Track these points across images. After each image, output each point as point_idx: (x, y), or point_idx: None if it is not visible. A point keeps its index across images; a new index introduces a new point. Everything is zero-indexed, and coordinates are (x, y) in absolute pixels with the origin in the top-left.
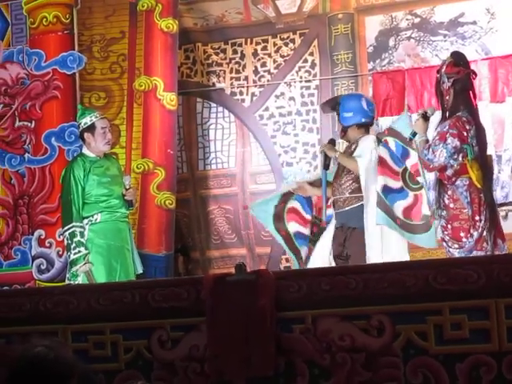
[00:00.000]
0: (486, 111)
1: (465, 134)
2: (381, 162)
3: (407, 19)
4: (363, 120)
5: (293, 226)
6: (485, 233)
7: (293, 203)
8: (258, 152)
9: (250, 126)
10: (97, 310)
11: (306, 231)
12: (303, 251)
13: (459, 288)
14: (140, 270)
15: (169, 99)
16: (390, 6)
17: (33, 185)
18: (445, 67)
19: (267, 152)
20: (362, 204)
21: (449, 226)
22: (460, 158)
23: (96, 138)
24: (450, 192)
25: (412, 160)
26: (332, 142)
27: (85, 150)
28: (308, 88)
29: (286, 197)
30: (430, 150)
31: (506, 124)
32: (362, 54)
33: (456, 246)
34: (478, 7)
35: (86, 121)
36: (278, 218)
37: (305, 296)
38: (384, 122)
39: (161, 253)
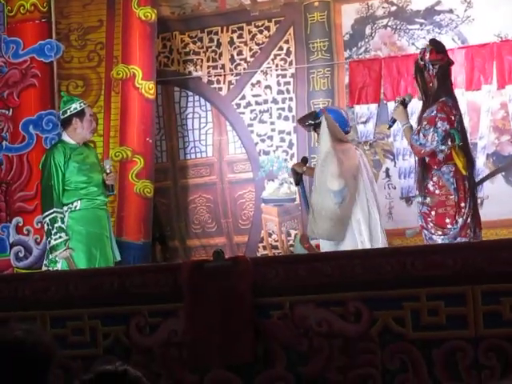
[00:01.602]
0: (462, 99)
1: (452, 118)
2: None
3: (383, 7)
4: (347, 129)
5: None
6: (469, 220)
7: None
8: (235, 140)
9: (227, 114)
10: (75, 296)
11: None
12: None
13: (436, 274)
14: (118, 258)
15: (147, 88)
16: None
17: (10, 172)
18: (428, 54)
19: (244, 140)
20: None
21: (432, 213)
22: (449, 143)
23: (84, 124)
24: (435, 178)
25: None
26: (304, 161)
27: (65, 137)
28: (284, 76)
29: None
30: (421, 134)
31: (482, 112)
32: (338, 42)
33: (440, 232)
34: None
35: (76, 106)
36: None
37: (282, 282)
38: (359, 110)
39: (139, 241)
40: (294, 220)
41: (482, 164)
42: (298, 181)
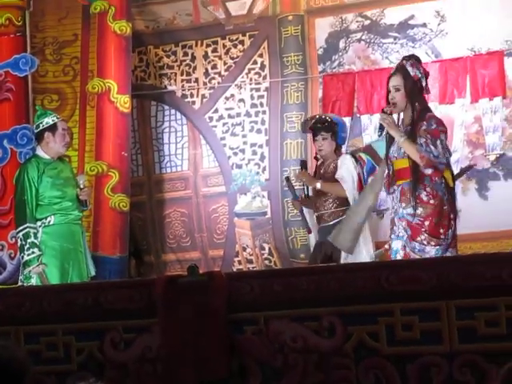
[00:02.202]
0: (436, 112)
1: (447, 132)
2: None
3: (357, 21)
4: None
5: None
6: (456, 231)
7: None
8: (209, 154)
9: (201, 128)
10: (49, 311)
11: None
12: None
13: (410, 289)
14: (93, 273)
15: (122, 101)
16: (339, 8)
17: None
18: (421, 67)
19: (217, 154)
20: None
21: (426, 223)
22: (447, 155)
23: (56, 139)
24: (428, 189)
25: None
26: (304, 166)
27: (39, 151)
28: (258, 90)
29: None
30: (432, 146)
31: (455, 126)
32: (312, 56)
33: (433, 242)
34: (428, 10)
35: (48, 120)
36: None
37: (257, 297)
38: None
39: (115, 255)
40: (266, 234)
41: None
42: (307, 195)
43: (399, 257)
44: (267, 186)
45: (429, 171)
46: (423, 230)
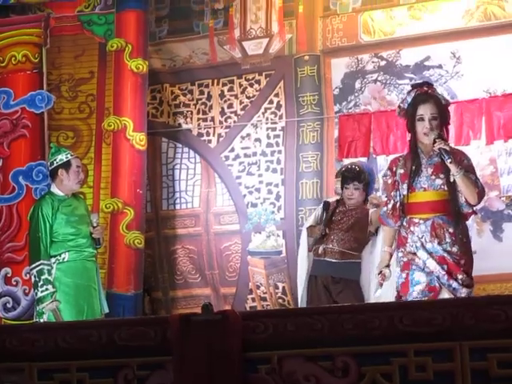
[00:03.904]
0: None
1: None
2: None
3: (373, 62)
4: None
5: None
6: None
7: None
8: (223, 193)
9: (216, 166)
10: (63, 348)
11: None
12: None
13: (424, 330)
14: (106, 310)
15: (138, 139)
16: (356, 48)
17: (0, 223)
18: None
19: (232, 192)
20: (359, 261)
21: (461, 262)
22: None
23: (70, 176)
24: (460, 227)
25: None
26: (326, 207)
27: (53, 189)
28: (274, 129)
29: None
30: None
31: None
32: (328, 96)
33: (468, 281)
34: (444, 51)
35: (62, 157)
36: None
37: (271, 337)
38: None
39: (129, 292)
40: (281, 273)
41: (470, 219)
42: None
43: (420, 288)
44: (282, 225)
45: (469, 210)
46: (461, 269)
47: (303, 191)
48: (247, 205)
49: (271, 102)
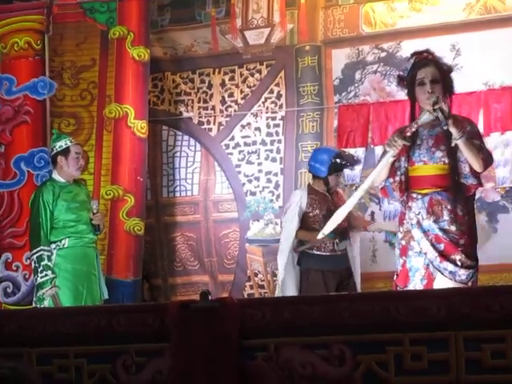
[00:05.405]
0: None
1: None
2: None
3: (374, 53)
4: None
5: None
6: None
7: None
8: (223, 181)
9: (216, 154)
10: (62, 333)
11: None
12: None
13: (420, 320)
14: (106, 296)
15: (139, 127)
16: (356, 39)
17: (1, 208)
18: None
19: (231, 181)
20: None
21: (461, 242)
22: None
23: (69, 163)
24: (463, 203)
25: None
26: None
27: (54, 175)
28: (274, 119)
29: None
30: (487, 149)
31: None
32: (328, 87)
33: (467, 264)
34: (444, 43)
35: (61, 144)
36: None
37: (268, 324)
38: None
39: (128, 278)
40: None
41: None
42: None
43: (419, 276)
44: (280, 213)
45: (473, 182)
46: (460, 249)
47: (302, 180)
48: (246, 193)
49: (272, 91)
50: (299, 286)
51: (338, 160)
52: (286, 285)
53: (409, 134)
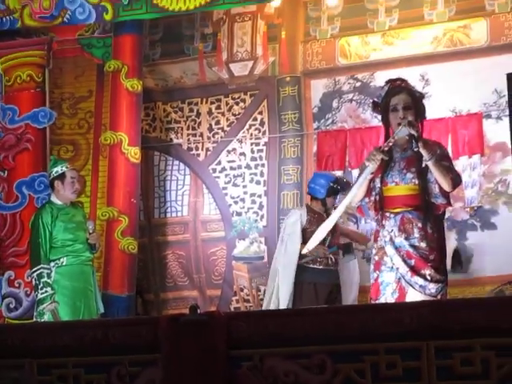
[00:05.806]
0: None
1: None
2: None
3: (349, 83)
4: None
5: None
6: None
7: None
8: (210, 202)
9: (204, 178)
10: (61, 345)
11: None
12: None
13: (393, 330)
14: (102, 310)
15: (133, 153)
16: (333, 70)
17: (4, 229)
18: None
19: (218, 202)
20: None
21: (431, 257)
22: None
23: (65, 187)
24: (432, 221)
25: None
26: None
27: (53, 198)
28: (258, 144)
29: None
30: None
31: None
32: (308, 114)
33: (437, 278)
34: (414, 74)
35: (58, 169)
36: None
37: (253, 336)
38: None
39: (123, 294)
40: (263, 277)
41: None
42: None
43: (391, 290)
44: (265, 232)
45: (443, 201)
46: (429, 264)
47: (284, 201)
48: (232, 213)
49: (255, 119)
50: (292, 299)
51: (335, 185)
52: (279, 297)
53: (386, 148)
